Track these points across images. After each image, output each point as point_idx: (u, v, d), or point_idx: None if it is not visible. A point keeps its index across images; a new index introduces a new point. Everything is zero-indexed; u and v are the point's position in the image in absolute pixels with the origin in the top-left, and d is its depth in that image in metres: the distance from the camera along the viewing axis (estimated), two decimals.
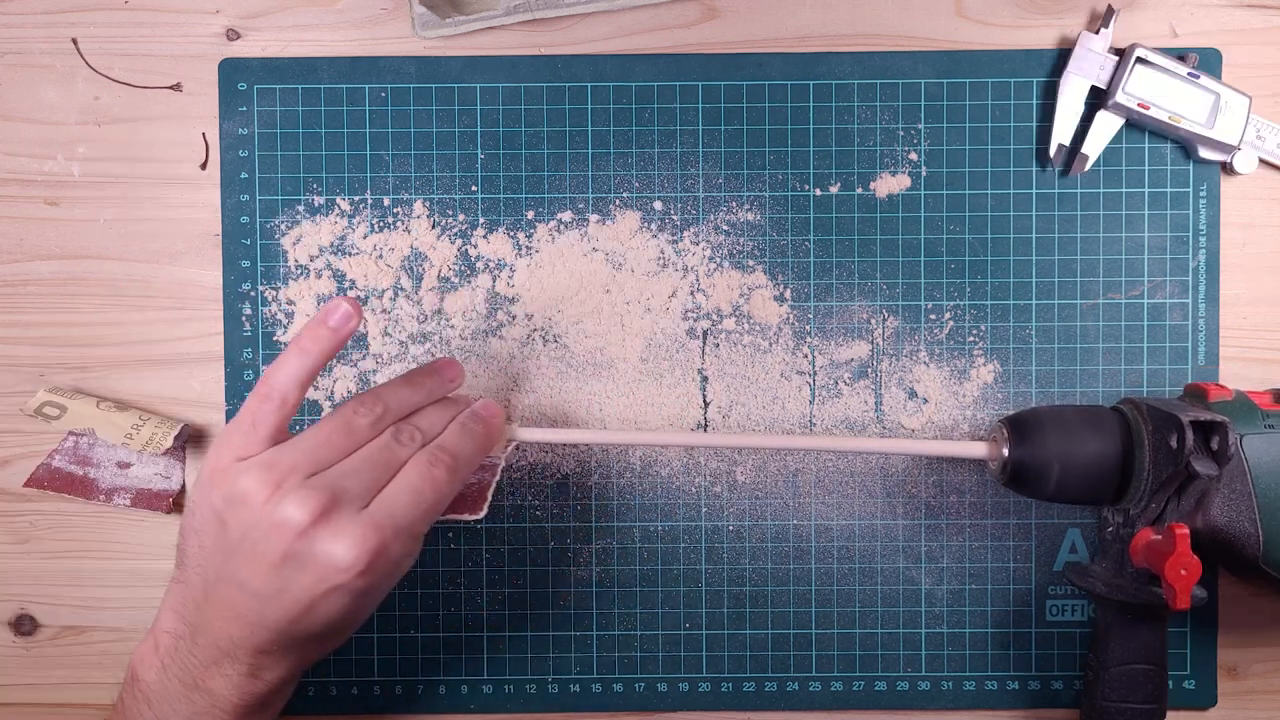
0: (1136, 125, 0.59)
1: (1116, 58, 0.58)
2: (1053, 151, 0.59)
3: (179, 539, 0.51)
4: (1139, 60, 0.58)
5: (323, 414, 0.60)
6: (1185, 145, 0.59)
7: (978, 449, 0.56)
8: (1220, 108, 0.58)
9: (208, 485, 0.49)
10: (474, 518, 0.54)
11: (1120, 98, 0.58)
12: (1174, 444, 0.51)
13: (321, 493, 0.47)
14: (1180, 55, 0.59)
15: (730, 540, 0.61)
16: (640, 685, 0.61)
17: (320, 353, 0.50)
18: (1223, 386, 0.55)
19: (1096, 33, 0.59)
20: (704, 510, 0.61)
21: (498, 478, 0.55)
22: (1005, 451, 0.55)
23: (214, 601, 0.49)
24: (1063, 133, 0.59)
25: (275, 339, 0.60)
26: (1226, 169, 0.59)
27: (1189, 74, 0.58)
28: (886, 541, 0.61)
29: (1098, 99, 0.59)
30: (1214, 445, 0.52)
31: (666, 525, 0.61)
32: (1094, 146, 0.59)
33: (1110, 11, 0.59)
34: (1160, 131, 0.59)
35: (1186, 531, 0.51)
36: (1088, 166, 0.59)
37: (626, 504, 0.61)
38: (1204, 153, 0.59)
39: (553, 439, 0.58)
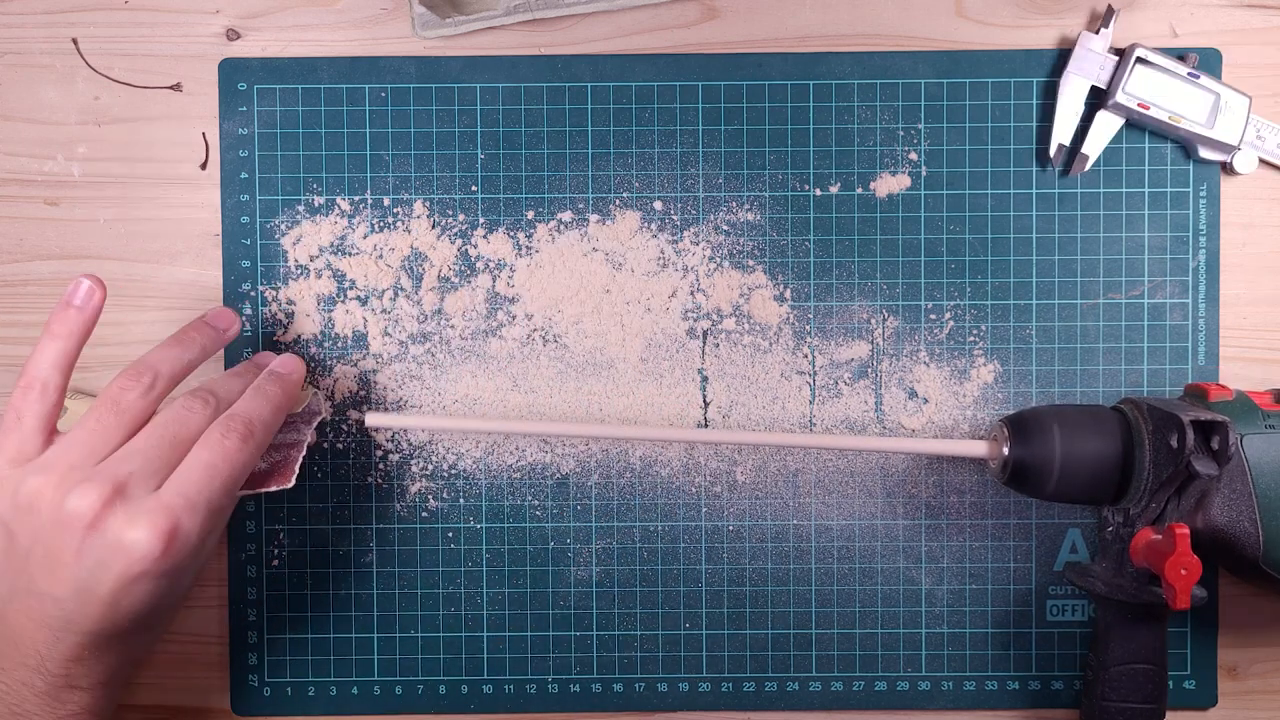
0: (1137, 125, 0.59)
1: (1116, 58, 0.59)
2: (1053, 151, 0.59)
3: None
4: (1139, 60, 0.58)
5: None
6: (1185, 145, 0.59)
7: (978, 448, 0.56)
8: (1220, 108, 0.58)
9: None
10: (282, 488, 0.53)
11: (1120, 98, 0.58)
12: (1174, 444, 0.51)
13: (104, 481, 0.46)
14: (1180, 55, 0.59)
15: (730, 540, 0.61)
16: (640, 685, 0.61)
17: (70, 334, 0.49)
18: (1223, 386, 0.55)
19: (1096, 33, 0.59)
20: (704, 510, 0.61)
21: (305, 447, 0.54)
22: (1005, 451, 0.55)
23: (13, 619, 0.47)
24: (1063, 133, 0.59)
25: (275, 339, 0.60)
26: (1226, 169, 0.59)
27: (1189, 74, 0.58)
28: (886, 541, 0.61)
29: (1098, 99, 0.59)
30: (1214, 445, 0.52)
31: (666, 525, 0.61)
32: (1094, 146, 0.59)
33: (1110, 11, 0.59)
34: (1160, 132, 0.59)
35: (1186, 531, 0.51)
36: (1088, 166, 0.59)
37: (626, 504, 0.61)
38: (1204, 153, 0.59)
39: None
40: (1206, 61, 0.60)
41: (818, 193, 0.60)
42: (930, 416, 0.60)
